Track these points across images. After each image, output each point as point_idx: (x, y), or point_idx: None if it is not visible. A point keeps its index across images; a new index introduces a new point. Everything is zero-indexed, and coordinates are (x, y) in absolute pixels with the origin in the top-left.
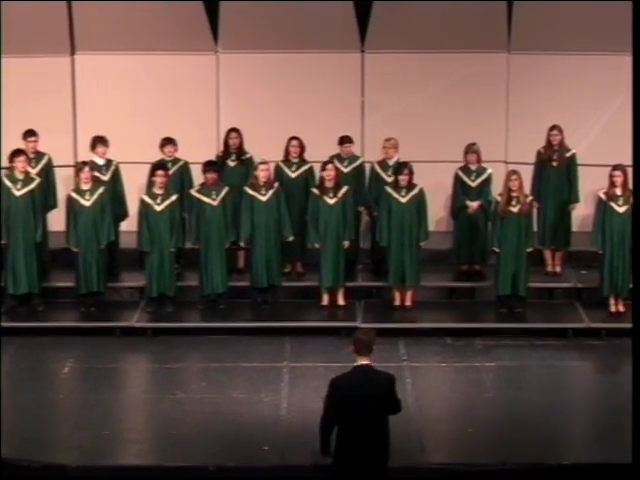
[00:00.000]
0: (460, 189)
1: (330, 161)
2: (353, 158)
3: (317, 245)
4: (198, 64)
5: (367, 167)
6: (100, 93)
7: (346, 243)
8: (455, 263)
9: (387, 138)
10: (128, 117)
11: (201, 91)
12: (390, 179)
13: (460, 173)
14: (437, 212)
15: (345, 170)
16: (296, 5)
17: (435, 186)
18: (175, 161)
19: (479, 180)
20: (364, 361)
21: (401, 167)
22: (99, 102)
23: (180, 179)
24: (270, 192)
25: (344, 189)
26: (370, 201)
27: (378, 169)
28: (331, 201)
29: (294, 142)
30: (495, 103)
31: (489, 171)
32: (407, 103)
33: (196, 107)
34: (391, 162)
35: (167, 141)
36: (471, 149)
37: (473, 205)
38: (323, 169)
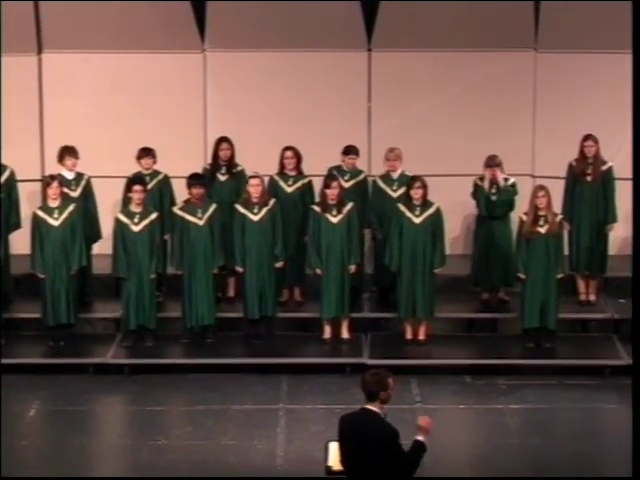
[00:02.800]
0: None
1: (335, 177)
2: (355, 172)
3: (318, 271)
4: (182, 64)
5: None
6: (70, 97)
7: (352, 268)
8: (475, 291)
9: (390, 148)
10: (101, 124)
11: (186, 95)
12: (395, 194)
13: (479, 182)
14: (453, 232)
15: (346, 185)
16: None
17: (451, 203)
18: (154, 174)
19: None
20: (370, 406)
21: (412, 181)
22: (69, 107)
23: (160, 195)
24: (263, 210)
25: (349, 206)
26: (373, 221)
27: (381, 184)
28: (334, 219)
29: (288, 153)
30: (520, 108)
31: (512, 180)
32: (419, 109)
33: (180, 113)
34: (395, 175)
35: (144, 152)
36: (494, 162)
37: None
38: (327, 186)
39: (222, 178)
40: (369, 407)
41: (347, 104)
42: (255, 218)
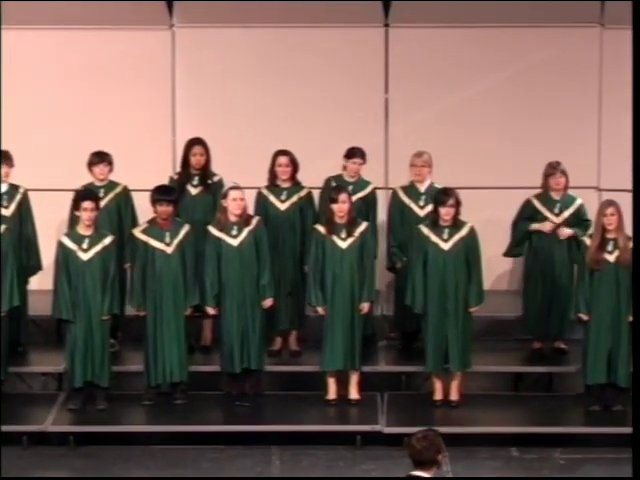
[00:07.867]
0: (526, 218)
1: (343, 188)
2: (361, 183)
3: (320, 309)
4: (145, 43)
5: (380, 195)
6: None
7: (365, 306)
8: (524, 338)
9: (418, 152)
10: (44, 121)
11: (150, 84)
12: (422, 211)
13: (536, 203)
14: (496, 262)
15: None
16: None
17: (493, 224)
18: (110, 186)
19: (566, 213)
20: (420, 472)
21: (443, 195)
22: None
23: (117, 213)
24: (244, 232)
25: (362, 226)
26: (393, 246)
27: (404, 197)
28: (343, 244)
29: (282, 159)
30: (582, 101)
31: (579, 201)
32: (452, 102)
33: (143, 107)
34: (423, 187)
35: (98, 157)
36: (557, 169)
37: (565, 232)
38: (333, 200)
39: (194, 191)
40: (421, 474)
41: (358, 95)
42: (234, 243)
